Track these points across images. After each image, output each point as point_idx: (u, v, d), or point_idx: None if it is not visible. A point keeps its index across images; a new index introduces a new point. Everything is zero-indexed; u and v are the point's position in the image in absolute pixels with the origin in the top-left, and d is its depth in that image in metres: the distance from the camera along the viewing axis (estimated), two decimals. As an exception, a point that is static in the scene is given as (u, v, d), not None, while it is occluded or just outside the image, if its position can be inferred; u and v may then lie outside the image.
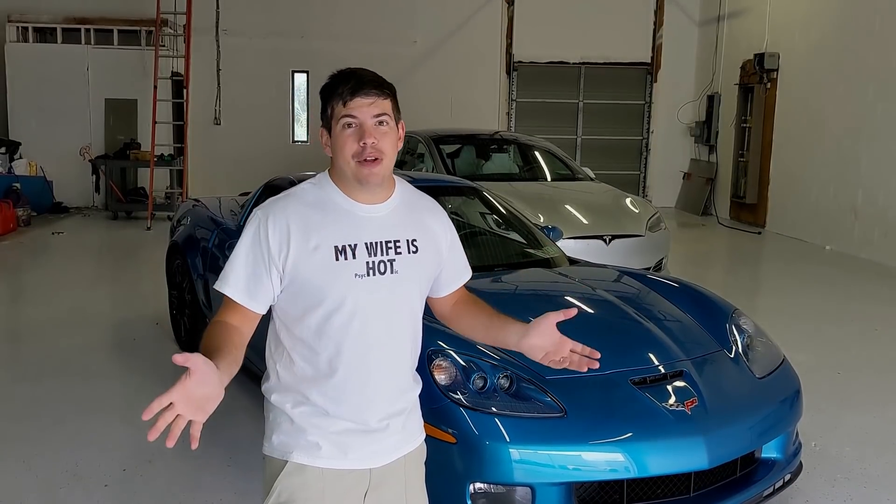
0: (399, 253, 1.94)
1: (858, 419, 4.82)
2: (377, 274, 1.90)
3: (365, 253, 1.89)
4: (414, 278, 1.97)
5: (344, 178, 1.93)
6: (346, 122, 1.89)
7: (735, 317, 4.01)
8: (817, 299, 7.99)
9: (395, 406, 2.00)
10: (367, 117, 1.88)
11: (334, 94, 1.91)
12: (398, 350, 1.99)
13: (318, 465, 1.92)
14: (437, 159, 8.79)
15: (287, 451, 1.94)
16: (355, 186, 1.92)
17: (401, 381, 2.02)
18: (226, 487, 3.85)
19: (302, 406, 1.94)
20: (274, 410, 1.98)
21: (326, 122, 1.94)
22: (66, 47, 12.96)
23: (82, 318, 6.75)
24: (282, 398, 1.96)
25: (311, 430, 1.92)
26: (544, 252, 4.96)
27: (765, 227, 12.31)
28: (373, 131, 1.88)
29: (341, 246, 1.88)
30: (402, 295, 1.96)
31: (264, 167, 10.50)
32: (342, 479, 1.94)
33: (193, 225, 5.88)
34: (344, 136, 1.89)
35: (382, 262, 1.91)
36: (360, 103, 1.88)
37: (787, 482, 3.54)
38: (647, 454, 3.09)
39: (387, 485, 2.00)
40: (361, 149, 1.87)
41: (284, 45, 13.69)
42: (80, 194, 12.98)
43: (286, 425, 1.95)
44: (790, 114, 11.87)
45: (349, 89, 1.89)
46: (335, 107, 1.90)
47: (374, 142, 1.88)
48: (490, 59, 14.49)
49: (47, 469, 4.01)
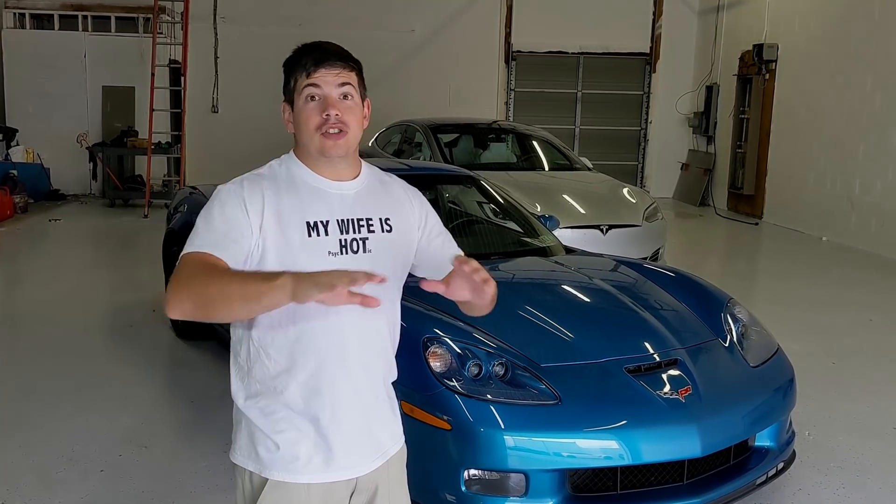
0: (372, 231, 1.86)
1: (852, 408, 4.84)
2: (350, 252, 1.81)
3: (337, 230, 1.82)
4: (387, 258, 1.87)
5: (308, 154, 1.86)
6: (310, 94, 1.82)
7: (730, 306, 4.02)
8: (813, 289, 8.00)
9: (376, 393, 1.92)
10: (331, 89, 1.82)
11: (297, 65, 1.84)
12: (376, 335, 1.91)
13: (301, 480, 1.83)
14: (434, 148, 8.79)
15: (265, 467, 1.84)
16: (320, 161, 1.85)
17: (380, 367, 1.93)
18: (222, 473, 3.85)
19: (277, 413, 1.83)
20: (245, 418, 1.87)
21: (289, 96, 1.87)
22: (64, 34, 12.91)
23: (79, 305, 6.76)
24: (253, 403, 1.85)
25: (288, 444, 1.82)
26: (541, 241, 4.97)
27: (762, 217, 12.32)
28: (336, 104, 1.82)
29: (313, 222, 1.80)
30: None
31: (262, 155, 10.39)
32: (328, 490, 1.86)
33: (190, 213, 5.88)
34: (307, 108, 1.82)
35: (355, 239, 1.83)
36: (324, 74, 1.82)
37: (781, 470, 3.56)
38: (640, 441, 3.11)
39: (371, 488, 1.93)
40: (324, 120, 1.81)
41: (282, 32, 13.58)
42: (77, 182, 12.95)
43: (259, 436, 1.84)
44: (788, 105, 11.87)
45: (313, 60, 1.82)
46: (298, 78, 1.84)
47: (338, 114, 1.81)
48: (489, 48, 14.45)
49: (43, 453, 4.02)
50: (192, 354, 5.55)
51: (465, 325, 3.41)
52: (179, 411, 4.71)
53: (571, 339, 3.59)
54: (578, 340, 3.58)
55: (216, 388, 4.92)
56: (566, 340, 3.58)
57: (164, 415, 4.65)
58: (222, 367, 5.30)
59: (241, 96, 13.73)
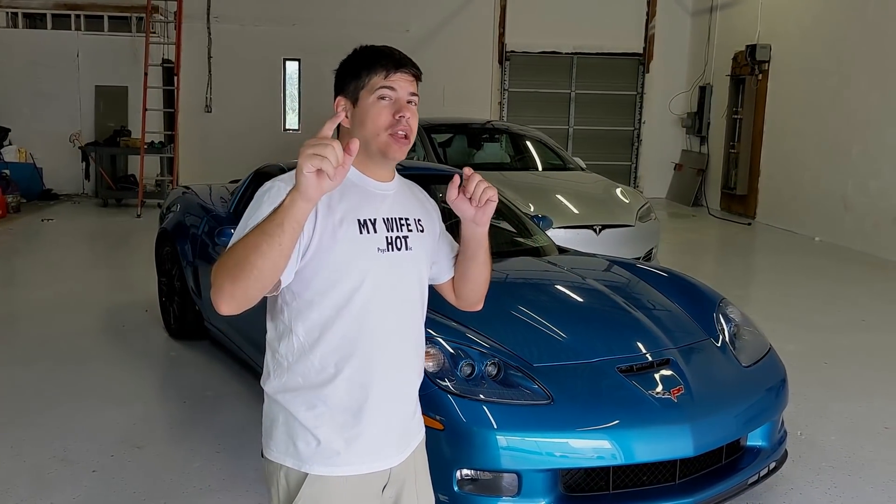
0: (410, 231, 1.93)
1: (844, 408, 4.86)
2: (395, 250, 1.88)
3: (384, 228, 1.88)
4: (423, 256, 1.98)
5: (363, 153, 1.86)
6: (383, 94, 1.87)
7: (722, 306, 4.03)
8: (806, 289, 8.02)
9: (412, 385, 1.99)
10: (404, 93, 1.88)
11: (376, 64, 1.88)
12: (414, 330, 1.98)
13: (340, 473, 1.87)
14: (428, 148, 8.78)
15: (305, 462, 1.86)
16: (375, 160, 1.89)
17: (415, 365, 2.00)
18: (215, 474, 3.85)
19: (318, 407, 1.85)
20: (284, 413, 1.88)
21: (353, 93, 1.90)
22: (56, 33, 12.89)
23: (71, 305, 6.74)
24: (294, 398, 1.87)
25: (329, 437, 1.85)
26: (534, 241, 4.98)
27: (755, 218, 12.35)
28: (407, 108, 1.88)
29: (363, 219, 1.85)
30: (416, 272, 1.95)
31: (255, 155, 10.45)
32: (364, 481, 1.91)
33: (183, 212, 5.87)
34: (379, 106, 1.87)
35: (399, 238, 1.90)
36: (402, 78, 1.88)
37: (773, 470, 3.57)
38: (633, 441, 3.11)
39: (401, 476, 1.99)
40: (396, 122, 1.86)
41: (276, 32, 13.63)
42: (70, 181, 12.93)
43: (301, 431, 1.86)
44: (781, 105, 11.90)
45: (394, 62, 1.88)
46: (373, 77, 1.88)
47: (409, 117, 1.88)
48: (483, 48, 14.46)
49: (35, 454, 4.01)
50: (185, 355, 5.54)
51: (458, 325, 3.41)
52: (172, 411, 4.70)
53: (564, 339, 3.59)
54: (571, 340, 3.59)
55: (209, 388, 4.92)
56: (559, 340, 3.58)
57: (156, 415, 4.64)
58: (215, 367, 5.31)
59: (235, 96, 13.71)
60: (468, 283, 2.10)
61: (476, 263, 2.04)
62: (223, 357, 5.38)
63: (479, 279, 2.08)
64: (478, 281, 2.09)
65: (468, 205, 1.90)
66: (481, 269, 2.05)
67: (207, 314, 5.36)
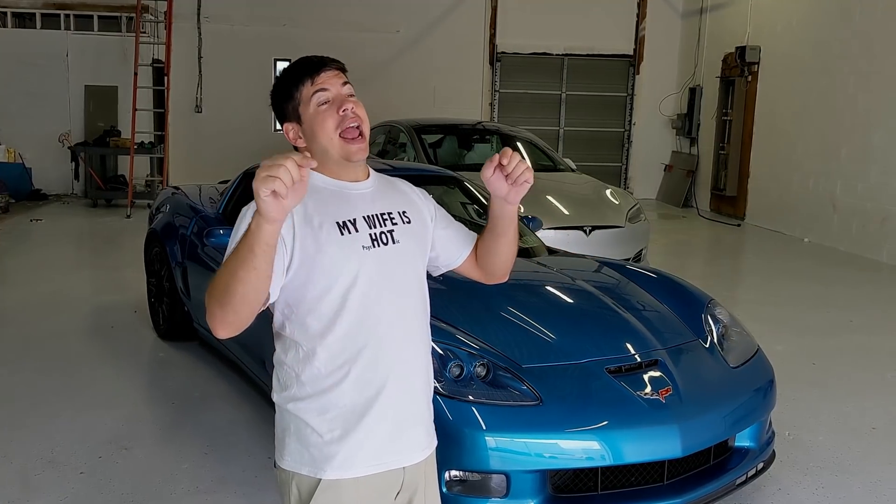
0: (395, 224, 1.95)
1: (832, 408, 4.88)
2: (381, 245, 1.90)
3: (365, 225, 1.90)
4: (414, 246, 1.99)
5: (326, 161, 1.90)
6: (321, 98, 1.90)
7: (711, 307, 4.05)
8: (794, 290, 8.06)
9: (421, 382, 1.99)
10: (337, 88, 1.92)
11: (300, 76, 1.92)
12: (416, 323, 1.99)
13: (355, 475, 1.88)
14: (419, 149, 8.79)
15: (318, 467, 1.88)
16: (341, 165, 1.92)
17: (422, 357, 2.01)
18: (203, 475, 3.84)
19: (330, 412, 1.87)
20: (296, 421, 1.90)
21: (294, 114, 1.94)
22: (46, 33, 12.83)
23: (60, 305, 6.71)
24: (305, 406, 1.88)
25: (341, 439, 1.86)
26: (523, 242, 4.97)
27: (744, 219, 12.39)
28: (348, 100, 1.91)
29: (342, 221, 1.87)
30: (408, 264, 1.96)
31: (245, 156, 10.39)
32: (377, 487, 1.92)
33: (172, 213, 5.85)
34: (321, 112, 1.90)
35: (383, 233, 1.92)
36: (328, 76, 1.92)
37: (761, 470, 3.58)
38: (621, 442, 3.12)
39: (414, 483, 1.99)
40: (342, 117, 1.89)
41: (267, 32, 13.60)
42: (60, 181, 12.87)
43: (313, 438, 1.87)
44: (771, 107, 11.94)
45: (314, 66, 1.92)
46: (302, 89, 1.92)
47: (353, 107, 1.90)
48: (474, 48, 14.46)
49: (22, 455, 4.00)
50: (174, 356, 5.53)
51: (447, 326, 3.42)
52: (161, 413, 4.68)
53: (553, 339, 3.60)
54: (560, 341, 3.59)
55: (197, 389, 4.90)
56: (548, 341, 3.59)
57: (145, 416, 4.61)
58: (204, 369, 5.30)
59: (225, 96, 13.67)
60: (497, 258, 2.14)
61: (507, 240, 2.08)
62: (212, 358, 5.37)
63: (509, 255, 2.14)
64: (507, 256, 2.14)
65: (503, 182, 1.92)
66: (511, 246, 2.10)
67: (196, 315, 5.35)
